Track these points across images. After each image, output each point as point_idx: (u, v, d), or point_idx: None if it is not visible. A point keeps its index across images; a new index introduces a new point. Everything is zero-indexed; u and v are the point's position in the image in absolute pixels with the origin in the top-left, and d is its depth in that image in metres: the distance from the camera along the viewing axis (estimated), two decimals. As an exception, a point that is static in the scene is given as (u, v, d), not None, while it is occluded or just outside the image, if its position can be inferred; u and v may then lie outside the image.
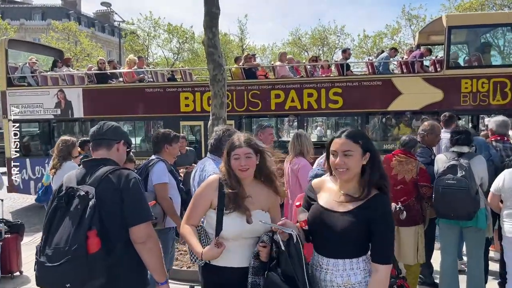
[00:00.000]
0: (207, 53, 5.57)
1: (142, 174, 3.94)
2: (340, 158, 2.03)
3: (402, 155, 4.21)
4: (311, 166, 4.72)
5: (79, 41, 33.35)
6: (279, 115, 10.30)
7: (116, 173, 2.14)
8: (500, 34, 9.30)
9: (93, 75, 10.39)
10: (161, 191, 3.80)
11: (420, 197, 4.14)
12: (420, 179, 4.09)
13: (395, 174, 4.14)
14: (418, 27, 29.75)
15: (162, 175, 3.82)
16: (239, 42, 33.56)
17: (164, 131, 4.11)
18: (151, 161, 3.96)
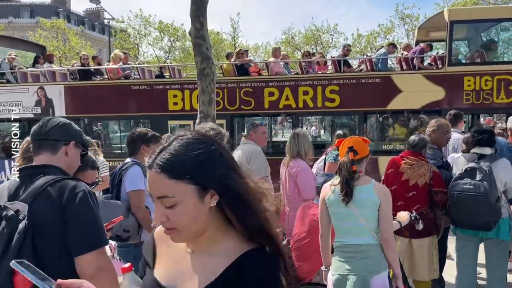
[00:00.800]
0: (194, 44, 5.07)
1: (115, 180, 3.45)
2: (158, 209, 1.06)
3: (412, 158, 3.74)
4: (311, 168, 4.24)
5: (68, 39, 32.61)
6: (273, 114, 9.80)
7: (58, 185, 1.62)
8: (505, 29, 8.89)
9: (76, 71, 9.81)
10: (136, 199, 3.29)
11: (434, 204, 3.68)
12: (434, 184, 3.63)
13: (406, 180, 3.68)
14: (412, 26, 29.49)
15: (137, 181, 3.31)
16: (231, 41, 33.02)
17: (141, 129, 3.61)
18: (125, 164, 3.45)
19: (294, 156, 4.19)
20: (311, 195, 3.94)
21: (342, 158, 2.68)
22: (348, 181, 2.57)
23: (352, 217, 2.59)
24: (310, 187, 3.98)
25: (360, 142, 2.73)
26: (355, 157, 2.63)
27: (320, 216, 2.79)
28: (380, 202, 2.55)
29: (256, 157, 4.18)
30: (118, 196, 3.41)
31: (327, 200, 2.71)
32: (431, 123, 4.19)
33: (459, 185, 3.42)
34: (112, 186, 3.49)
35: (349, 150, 2.65)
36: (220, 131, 2.77)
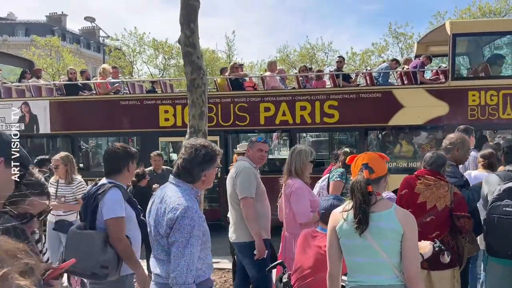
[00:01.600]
0: (183, 53, 4.65)
1: (89, 206, 2.90)
2: None
3: (429, 177, 3.28)
4: (308, 188, 3.76)
5: (62, 57, 32.36)
6: (269, 130, 9.36)
7: None
8: (509, 43, 8.61)
9: (63, 86, 9.36)
10: (115, 228, 2.79)
11: (456, 230, 3.20)
12: (456, 207, 3.17)
13: (423, 202, 3.22)
14: (406, 44, 29.59)
15: (116, 207, 2.81)
16: (226, 59, 32.88)
17: (121, 145, 3.11)
18: (102, 187, 2.92)
19: (290, 175, 3.76)
20: (304, 218, 3.50)
21: (355, 178, 2.22)
22: (362, 205, 2.10)
23: (369, 251, 2.10)
24: (303, 209, 3.54)
25: (377, 158, 2.27)
26: (371, 176, 2.17)
27: (328, 250, 2.29)
28: (403, 231, 2.08)
29: (241, 175, 3.71)
30: (93, 224, 2.88)
31: (338, 230, 2.22)
32: (453, 139, 3.73)
33: (500, 207, 2.99)
34: (86, 213, 2.96)
35: (364, 168, 2.20)
36: (213, 148, 2.32)
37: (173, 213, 2.10)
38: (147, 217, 2.37)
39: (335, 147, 10.13)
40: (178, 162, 2.31)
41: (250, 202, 3.60)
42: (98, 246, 2.65)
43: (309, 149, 3.82)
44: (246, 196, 3.62)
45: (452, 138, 3.75)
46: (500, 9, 25.32)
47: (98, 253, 2.64)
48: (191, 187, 2.26)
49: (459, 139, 3.70)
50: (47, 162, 6.50)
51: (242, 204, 3.62)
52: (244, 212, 3.60)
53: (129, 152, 3.02)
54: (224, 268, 5.78)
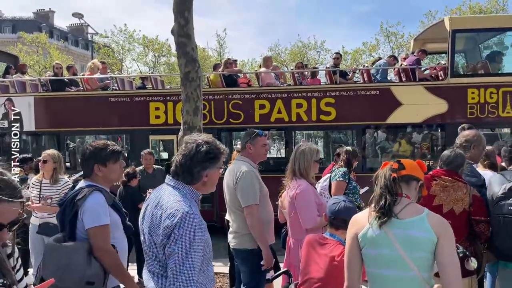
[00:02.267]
0: (177, 44, 4.35)
1: (68, 212, 2.53)
2: None
3: (446, 178, 3.02)
4: (314, 189, 3.50)
5: (49, 54, 31.71)
6: (264, 128, 9.08)
7: None
8: (509, 38, 8.47)
9: (48, 81, 8.97)
10: (100, 238, 2.44)
11: (474, 236, 2.96)
12: (475, 211, 2.91)
13: (439, 205, 2.95)
14: (397, 44, 29.61)
15: (99, 214, 2.46)
16: (217, 57, 32.54)
17: (98, 142, 2.67)
18: (81, 191, 2.55)
19: (294, 175, 3.47)
20: (310, 223, 3.21)
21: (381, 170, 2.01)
22: (385, 193, 1.89)
23: (399, 263, 1.83)
24: (310, 214, 3.25)
25: (413, 162, 2.04)
26: (400, 172, 1.94)
27: (348, 261, 2.00)
28: (438, 240, 1.81)
29: (242, 180, 3.31)
30: (73, 234, 2.51)
31: (361, 238, 1.94)
32: (469, 136, 3.48)
33: (505, 206, 2.76)
34: (63, 222, 2.56)
35: (394, 161, 1.99)
36: (217, 145, 2.03)
37: (170, 220, 1.81)
38: (140, 223, 2.05)
39: (330, 145, 9.91)
40: (177, 159, 2.00)
41: (255, 210, 3.28)
42: (82, 260, 2.32)
43: (314, 148, 3.52)
44: (250, 204, 3.28)
45: (468, 135, 3.50)
46: (491, 8, 25.43)
47: (82, 267, 2.32)
48: (191, 190, 1.97)
49: (475, 136, 3.46)
50: (30, 161, 6.15)
51: (246, 212, 3.28)
52: (249, 221, 3.27)
53: (98, 153, 2.59)
54: (219, 273, 5.49)
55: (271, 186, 3.71)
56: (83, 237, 2.47)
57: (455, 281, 1.80)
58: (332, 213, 2.58)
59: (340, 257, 2.31)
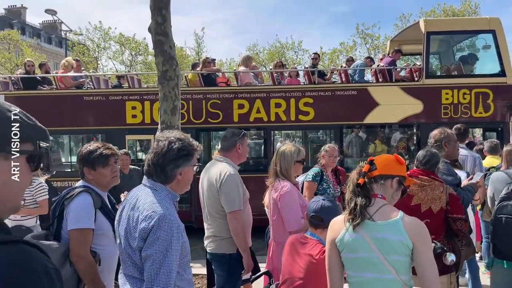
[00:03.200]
0: (154, 42, 4.27)
1: (56, 211, 2.50)
2: None
3: (423, 177, 3.05)
4: (298, 191, 3.47)
5: (21, 51, 30.77)
6: (243, 127, 9.05)
7: None
8: (481, 41, 8.71)
9: (19, 79, 8.67)
10: (78, 242, 2.35)
11: (452, 233, 3.01)
12: (452, 209, 2.95)
13: (417, 205, 2.98)
14: (373, 45, 30.09)
15: (82, 216, 2.38)
16: (196, 56, 32.30)
17: (91, 145, 2.62)
18: (72, 190, 2.51)
19: (276, 176, 3.43)
20: (295, 225, 3.16)
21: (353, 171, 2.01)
22: (356, 195, 1.91)
23: (377, 266, 1.82)
24: (294, 216, 3.20)
25: (387, 159, 2.02)
26: (372, 173, 1.93)
27: (328, 266, 1.99)
28: (413, 245, 1.81)
29: (227, 184, 3.17)
30: (58, 234, 2.47)
31: (338, 242, 1.92)
32: (439, 134, 3.55)
33: (508, 207, 2.85)
34: (53, 218, 2.55)
35: (367, 163, 1.98)
36: (190, 141, 1.98)
37: (147, 223, 1.75)
38: (116, 226, 1.98)
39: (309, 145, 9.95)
40: (149, 158, 1.94)
41: (240, 215, 3.18)
42: (55, 261, 2.24)
43: (295, 148, 3.45)
44: (236, 210, 3.18)
45: (436, 134, 3.58)
46: (464, 11, 26.16)
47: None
48: (168, 191, 1.91)
49: (442, 133, 3.53)
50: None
51: (231, 217, 3.16)
52: (232, 226, 3.16)
53: (86, 157, 2.55)
54: (198, 274, 5.42)
55: (250, 186, 3.67)
56: (67, 238, 2.39)
57: (434, 284, 1.81)
58: (310, 212, 2.57)
59: (318, 256, 2.30)
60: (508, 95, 7.97)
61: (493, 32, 7.92)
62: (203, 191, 3.40)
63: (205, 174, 3.40)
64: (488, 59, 8.41)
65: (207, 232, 3.40)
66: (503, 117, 7.99)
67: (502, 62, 7.94)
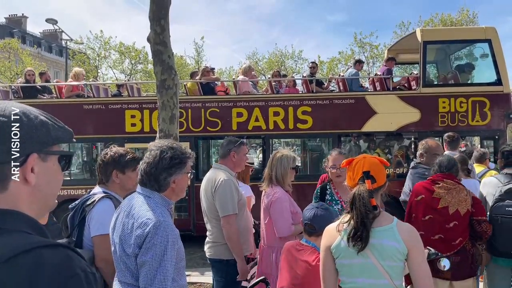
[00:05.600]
0: (153, 52, 4.32)
1: (76, 218, 2.51)
2: None
3: (449, 181, 3.16)
4: (290, 197, 3.50)
5: (21, 60, 30.91)
6: (241, 136, 9.09)
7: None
8: (477, 50, 8.80)
9: (19, 88, 8.73)
10: (102, 248, 2.36)
11: (476, 237, 3.11)
12: (477, 211, 3.07)
13: (445, 207, 3.07)
14: (372, 54, 30.26)
15: (105, 222, 2.36)
16: (195, 65, 32.48)
17: (117, 149, 2.65)
18: (92, 196, 2.54)
19: (270, 182, 3.46)
20: (284, 231, 3.20)
21: (356, 189, 1.94)
22: (365, 220, 1.84)
23: (372, 271, 1.84)
24: (283, 222, 3.24)
25: (378, 165, 2.01)
26: (373, 186, 1.92)
27: (323, 272, 2.00)
28: (408, 250, 1.84)
29: (221, 189, 3.24)
30: (80, 241, 2.48)
31: (333, 249, 1.94)
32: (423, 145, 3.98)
33: (503, 207, 3.04)
34: (72, 227, 2.55)
35: (365, 177, 1.94)
36: (182, 150, 2.01)
37: (142, 229, 1.78)
38: (111, 233, 2.01)
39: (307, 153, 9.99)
40: (142, 168, 1.98)
41: (233, 220, 3.23)
42: None
43: (291, 155, 3.50)
44: (229, 214, 3.22)
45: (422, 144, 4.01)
46: (461, 20, 26.38)
47: None
48: (163, 198, 1.95)
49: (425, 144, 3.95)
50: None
51: (224, 222, 3.22)
52: (225, 231, 3.21)
53: (117, 159, 2.57)
54: (195, 282, 5.43)
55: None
56: (89, 244, 2.40)
57: (428, 285, 1.85)
58: (304, 220, 2.60)
59: (314, 262, 2.32)
60: (505, 103, 8.04)
61: (489, 42, 8.01)
62: (203, 198, 3.48)
63: (205, 181, 3.46)
64: (484, 68, 8.49)
65: (207, 237, 3.47)
66: (500, 125, 8.04)
67: (498, 71, 8.01)
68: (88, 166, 9.15)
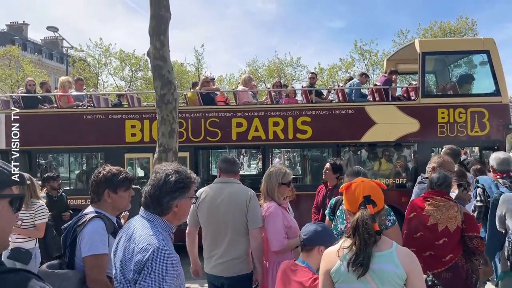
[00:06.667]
0: (153, 67, 4.36)
1: (68, 239, 2.50)
2: None
3: (438, 198, 3.17)
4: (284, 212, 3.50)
5: (22, 68, 31.00)
6: (241, 146, 9.12)
7: None
8: (476, 61, 8.84)
9: (20, 98, 8.76)
10: (93, 268, 2.36)
11: (469, 252, 3.11)
12: (468, 228, 3.08)
13: (434, 224, 3.10)
14: (371, 61, 30.36)
15: (97, 242, 2.40)
16: (195, 72, 32.58)
17: (111, 168, 2.63)
18: (83, 217, 2.52)
19: (266, 197, 3.50)
20: (277, 245, 3.23)
21: (359, 214, 1.94)
22: (367, 245, 1.85)
23: None
24: (276, 236, 3.26)
25: (376, 188, 2.03)
26: (374, 210, 1.94)
27: None
28: (407, 275, 1.85)
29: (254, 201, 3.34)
30: (71, 261, 2.47)
31: (333, 273, 1.95)
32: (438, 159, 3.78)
33: None
34: (65, 247, 2.55)
35: (367, 201, 1.95)
36: (187, 174, 2.02)
37: (142, 255, 1.79)
38: (112, 257, 2.02)
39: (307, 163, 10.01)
40: (146, 190, 1.98)
41: (261, 231, 3.35)
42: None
43: (280, 171, 3.50)
44: (260, 226, 3.31)
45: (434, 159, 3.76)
46: (460, 28, 26.49)
47: None
48: (164, 223, 1.95)
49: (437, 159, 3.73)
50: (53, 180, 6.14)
51: (256, 233, 3.27)
52: (256, 243, 3.27)
53: (110, 178, 2.55)
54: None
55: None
56: (81, 265, 2.39)
57: None
58: (304, 234, 2.60)
59: (309, 283, 2.33)
60: (503, 113, 8.06)
61: (488, 52, 8.05)
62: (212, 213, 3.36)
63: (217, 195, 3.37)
64: (483, 79, 8.53)
65: (220, 256, 3.34)
66: (499, 135, 8.05)
67: (497, 81, 8.05)
68: (88, 176, 9.15)
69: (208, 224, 3.38)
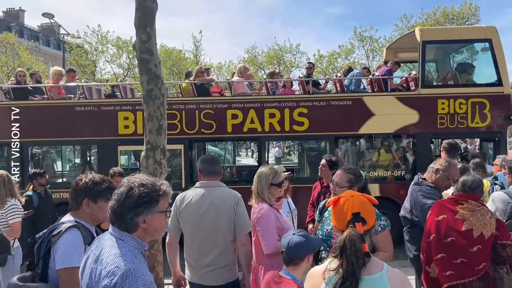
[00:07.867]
0: (139, 60, 4.16)
1: (42, 249, 2.33)
2: None
3: (473, 202, 2.98)
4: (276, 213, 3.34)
5: (18, 55, 30.64)
6: (237, 138, 8.94)
7: None
8: (477, 50, 8.61)
9: (10, 89, 8.56)
10: (68, 281, 2.18)
11: (498, 261, 2.95)
12: (502, 235, 2.90)
13: (469, 230, 2.90)
14: (372, 47, 29.94)
15: (71, 254, 2.22)
16: (194, 59, 32.21)
17: (92, 176, 2.45)
18: (58, 226, 2.34)
19: (257, 198, 3.34)
20: (270, 248, 3.07)
21: (347, 233, 1.78)
22: (356, 269, 1.70)
23: None
24: (269, 239, 3.10)
25: (367, 204, 1.87)
26: (364, 228, 1.79)
27: None
28: None
29: (242, 205, 3.22)
30: (45, 274, 2.31)
31: None
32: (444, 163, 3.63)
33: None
34: (38, 258, 2.38)
35: (355, 219, 1.79)
36: (155, 186, 1.83)
37: (109, 279, 1.63)
38: (80, 278, 1.87)
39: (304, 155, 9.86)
40: (110, 205, 1.82)
41: (249, 237, 3.22)
42: None
43: (271, 171, 3.34)
44: (249, 231, 3.19)
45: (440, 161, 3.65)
46: (463, 14, 26.06)
47: None
48: (136, 241, 1.79)
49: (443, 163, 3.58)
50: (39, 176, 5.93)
51: (245, 239, 3.15)
52: (245, 249, 3.15)
53: (90, 187, 2.39)
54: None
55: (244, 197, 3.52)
56: (55, 277, 2.23)
57: None
58: (281, 248, 2.46)
59: None
60: (505, 104, 7.87)
61: (490, 41, 7.81)
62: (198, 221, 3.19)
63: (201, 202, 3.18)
64: (484, 68, 8.31)
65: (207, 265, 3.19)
66: (500, 127, 7.87)
67: (498, 71, 7.83)
68: (81, 169, 9.01)
69: (194, 233, 3.21)
